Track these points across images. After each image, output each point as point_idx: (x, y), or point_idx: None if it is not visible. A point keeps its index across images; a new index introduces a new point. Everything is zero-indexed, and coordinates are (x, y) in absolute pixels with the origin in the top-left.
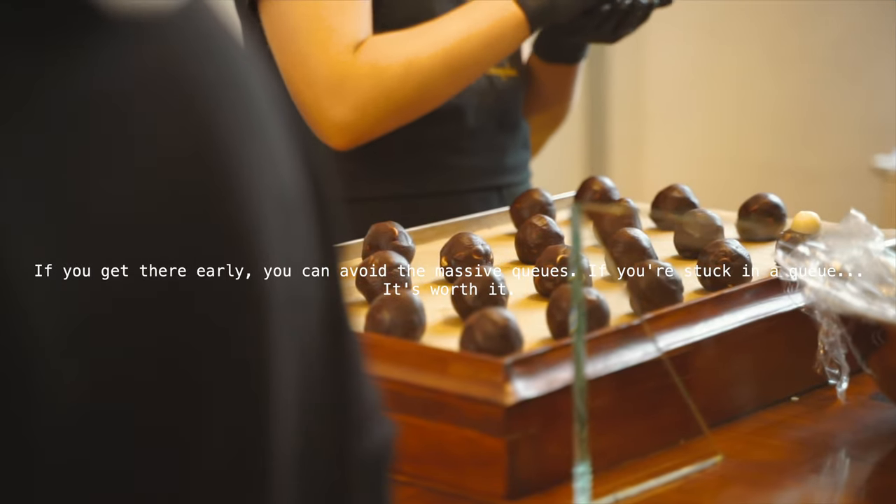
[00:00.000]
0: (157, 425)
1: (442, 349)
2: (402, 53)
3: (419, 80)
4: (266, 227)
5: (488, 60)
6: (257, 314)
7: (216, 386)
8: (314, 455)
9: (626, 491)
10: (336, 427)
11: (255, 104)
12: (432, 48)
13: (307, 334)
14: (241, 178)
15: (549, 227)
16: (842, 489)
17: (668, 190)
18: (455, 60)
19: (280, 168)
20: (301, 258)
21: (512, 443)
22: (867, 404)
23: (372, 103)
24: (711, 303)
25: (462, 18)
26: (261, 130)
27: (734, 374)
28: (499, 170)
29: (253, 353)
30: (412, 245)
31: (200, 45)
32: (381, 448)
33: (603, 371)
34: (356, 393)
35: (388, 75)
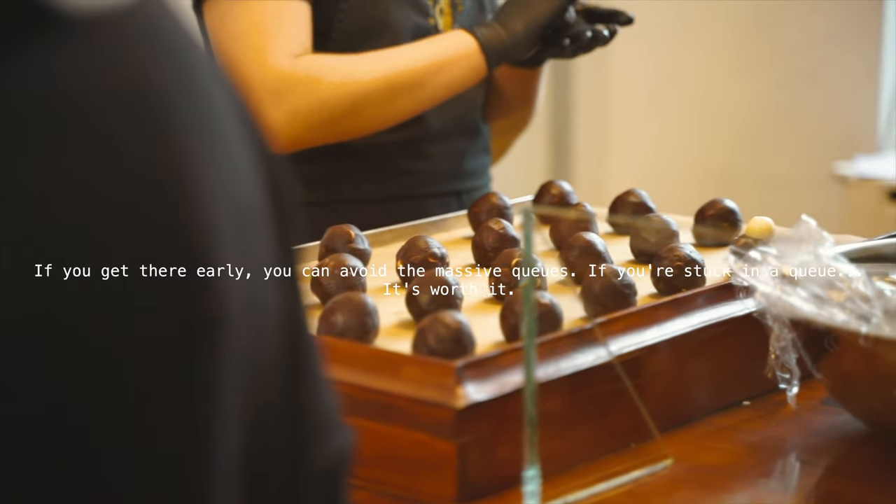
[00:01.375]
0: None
1: (394, 352)
2: (342, 69)
3: (356, 95)
4: (222, 231)
5: (439, 89)
6: (208, 317)
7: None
8: (266, 461)
9: (575, 494)
10: (291, 433)
11: (212, 105)
12: (375, 68)
13: (263, 339)
14: (197, 181)
15: (506, 231)
16: (791, 493)
17: (626, 195)
18: (398, 83)
19: (238, 171)
20: (258, 262)
21: (462, 446)
22: (818, 409)
23: (305, 111)
24: (664, 307)
25: (415, 48)
26: (218, 132)
27: (686, 378)
28: (458, 175)
29: (200, 358)
30: (368, 248)
31: (155, 45)
32: (339, 455)
33: (554, 374)
34: (314, 399)
35: (323, 87)
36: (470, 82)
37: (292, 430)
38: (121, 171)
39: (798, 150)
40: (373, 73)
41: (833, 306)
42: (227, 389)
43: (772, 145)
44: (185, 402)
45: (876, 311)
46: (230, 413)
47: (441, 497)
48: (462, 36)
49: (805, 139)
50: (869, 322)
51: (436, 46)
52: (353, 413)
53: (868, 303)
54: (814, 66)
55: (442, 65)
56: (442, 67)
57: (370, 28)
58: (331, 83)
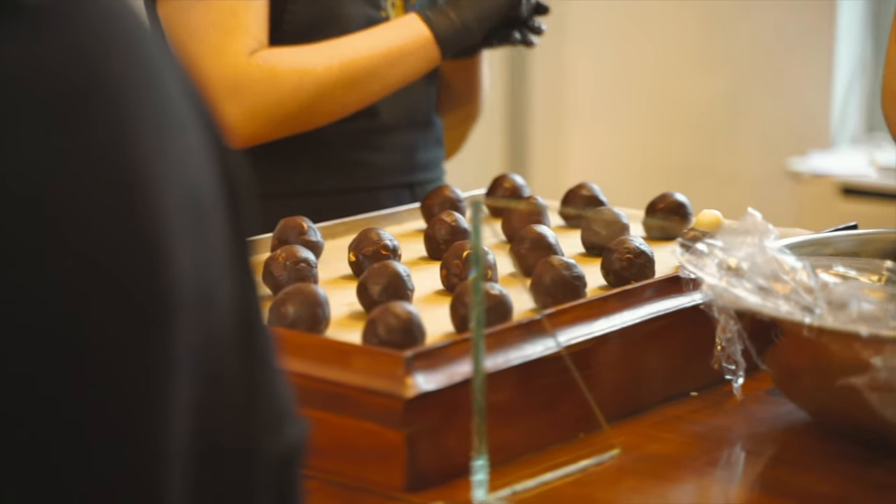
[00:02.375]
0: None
1: (344, 342)
2: (299, 62)
3: (313, 90)
4: (174, 220)
5: (395, 78)
6: (159, 304)
7: (111, 374)
8: (219, 449)
9: (523, 484)
10: (245, 423)
11: (166, 95)
12: (330, 60)
13: (215, 330)
14: (149, 169)
15: (458, 224)
16: (737, 482)
17: (578, 188)
18: (353, 74)
19: (192, 160)
20: (211, 252)
21: (411, 436)
22: (763, 400)
23: (263, 108)
24: (613, 299)
25: (369, 36)
26: (172, 122)
27: (634, 369)
28: (411, 167)
29: (151, 344)
30: (321, 240)
31: (109, 32)
32: (292, 446)
33: (503, 365)
34: (268, 390)
35: (282, 82)
36: (425, 71)
37: (246, 419)
38: (73, 157)
39: (752, 145)
40: (329, 65)
41: (778, 297)
42: (179, 376)
43: (726, 141)
44: (137, 386)
45: (819, 303)
46: (182, 399)
47: (390, 486)
48: (416, 25)
49: (759, 135)
50: (812, 313)
51: (390, 36)
52: (303, 403)
53: (812, 294)
54: (768, 63)
55: (397, 55)
56: (397, 58)
57: (322, 21)
58: (288, 78)
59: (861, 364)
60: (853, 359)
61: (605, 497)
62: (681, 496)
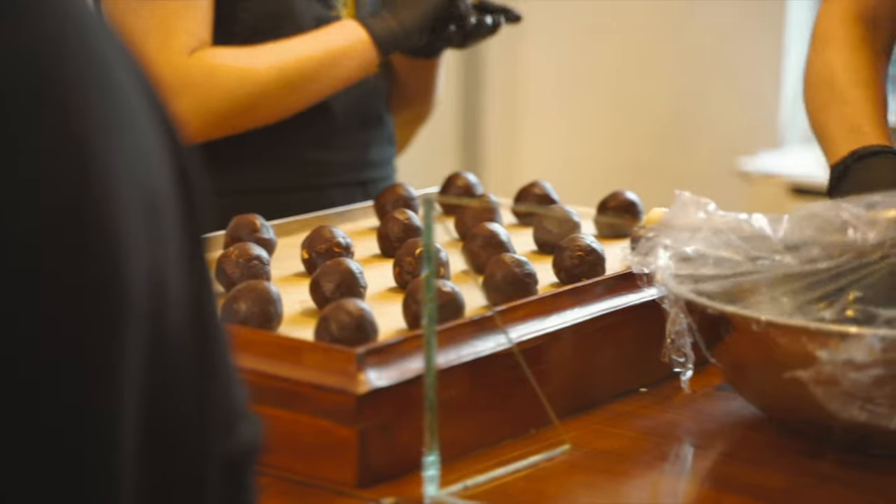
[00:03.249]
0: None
1: (296, 339)
2: (239, 62)
3: (253, 89)
4: (128, 215)
5: (334, 81)
6: (111, 300)
7: (62, 369)
8: (171, 446)
9: (475, 479)
10: (198, 421)
11: (120, 95)
12: (270, 61)
13: (168, 327)
14: (102, 169)
15: (411, 221)
16: (686, 477)
17: (530, 186)
18: (293, 75)
19: (147, 156)
20: (165, 249)
21: (363, 432)
22: (712, 395)
23: (203, 107)
24: (564, 295)
25: (309, 39)
26: (126, 117)
27: (585, 365)
28: (363, 165)
29: (102, 339)
30: (274, 237)
31: (61, 33)
32: (246, 446)
33: (455, 361)
34: (222, 389)
35: (222, 81)
36: (363, 73)
37: (199, 419)
38: (26, 152)
39: (702, 145)
40: (269, 66)
41: (738, 264)
42: (130, 372)
43: (676, 140)
44: (88, 384)
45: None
46: (134, 399)
47: (342, 482)
48: (354, 28)
49: (709, 134)
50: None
51: (330, 38)
52: (255, 400)
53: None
54: (718, 63)
55: (336, 57)
56: (336, 60)
57: (274, 21)
58: (228, 77)
59: (807, 358)
60: (800, 353)
61: (556, 492)
62: (631, 491)
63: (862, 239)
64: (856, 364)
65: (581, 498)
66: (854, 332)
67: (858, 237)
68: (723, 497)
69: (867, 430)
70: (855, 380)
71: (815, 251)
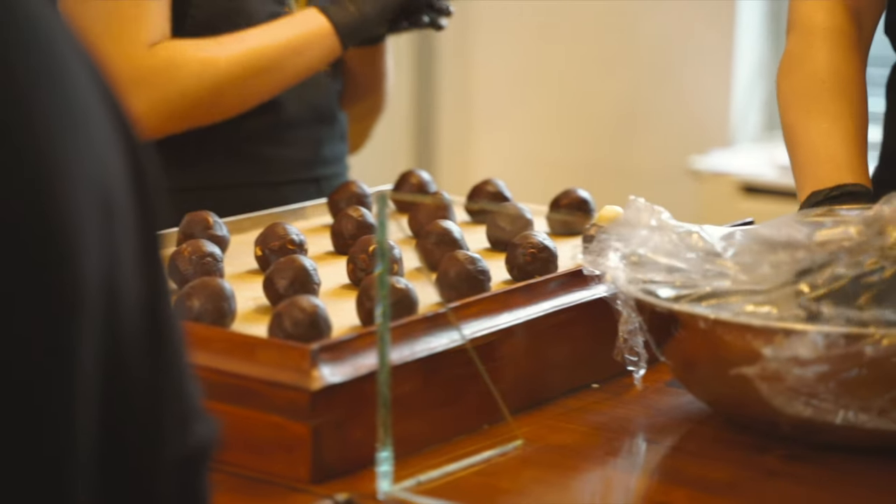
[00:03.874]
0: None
1: (250, 335)
2: (200, 54)
3: (215, 81)
4: (81, 213)
5: (296, 71)
6: (64, 297)
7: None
8: (124, 443)
9: (428, 474)
10: (151, 418)
11: (76, 94)
12: (232, 52)
13: (124, 329)
14: (58, 169)
15: (365, 219)
16: (637, 471)
17: (483, 184)
18: (255, 66)
19: (101, 154)
20: (119, 246)
21: (317, 428)
22: (663, 391)
23: (165, 99)
24: (517, 292)
25: (270, 29)
26: (81, 114)
27: (538, 361)
28: (316, 162)
29: (56, 336)
30: (227, 234)
31: (16, 31)
32: (200, 444)
33: (409, 357)
34: (177, 390)
35: (184, 73)
36: (325, 62)
37: (152, 417)
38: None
39: (654, 143)
40: (231, 58)
41: (687, 273)
42: (84, 372)
43: (628, 138)
44: (41, 382)
45: (727, 265)
46: (88, 396)
47: (295, 478)
48: (315, 17)
49: (660, 133)
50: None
51: (291, 28)
52: (208, 396)
53: (717, 258)
54: (669, 62)
55: (298, 47)
56: (298, 50)
57: (226, 16)
58: (190, 70)
59: (753, 354)
60: (745, 349)
61: (509, 487)
62: (583, 485)
63: (810, 260)
64: (800, 360)
65: (534, 492)
66: (798, 328)
67: (806, 259)
68: (672, 490)
69: (812, 425)
70: (799, 376)
71: (766, 269)
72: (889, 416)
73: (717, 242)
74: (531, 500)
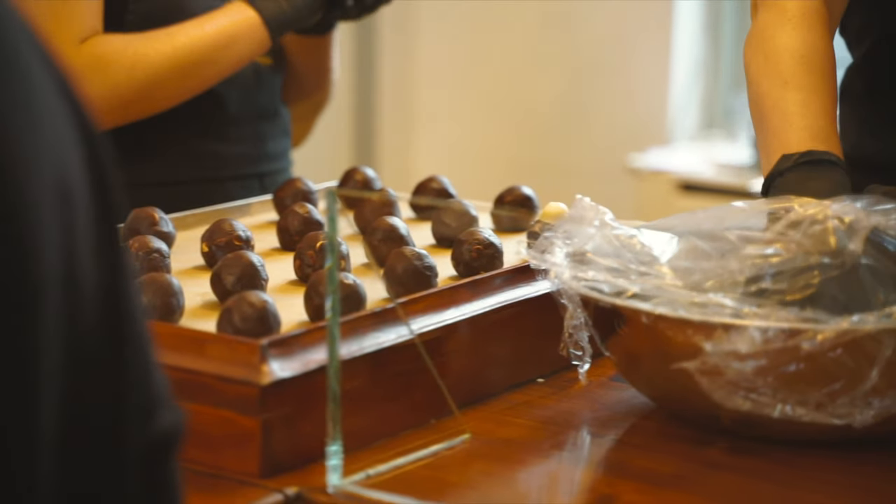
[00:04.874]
0: None
1: (199, 331)
2: (131, 50)
3: (146, 77)
4: (40, 203)
5: (226, 64)
6: (24, 296)
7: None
8: (87, 431)
9: (377, 468)
10: (114, 412)
11: (32, 84)
12: (162, 47)
13: (85, 319)
14: (15, 158)
15: (311, 215)
16: (582, 464)
17: (428, 181)
18: (185, 60)
19: (59, 145)
20: (79, 242)
21: (267, 422)
22: (607, 385)
23: (96, 96)
24: (463, 288)
25: (200, 23)
26: (38, 105)
27: (484, 356)
28: (260, 158)
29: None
30: (173, 231)
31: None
32: (166, 434)
33: (358, 353)
34: (140, 379)
35: (114, 69)
36: (255, 55)
37: (116, 406)
38: None
39: (593, 141)
40: (161, 54)
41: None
42: (45, 362)
43: (568, 136)
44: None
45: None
46: (50, 385)
47: (245, 473)
48: (244, 10)
49: (600, 131)
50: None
51: (220, 21)
52: None
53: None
54: (608, 60)
55: (227, 42)
56: (227, 44)
57: (164, 12)
58: (120, 66)
59: (693, 349)
60: (686, 344)
61: (457, 480)
62: (529, 478)
63: (739, 270)
64: (739, 354)
65: (481, 486)
66: (737, 323)
67: (736, 268)
68: (618, 482)
69: (751, 418)
70: (738, 370)
71: (697, 277)
72: (825, 410)
73: (655, 246)
74: (479, 494)
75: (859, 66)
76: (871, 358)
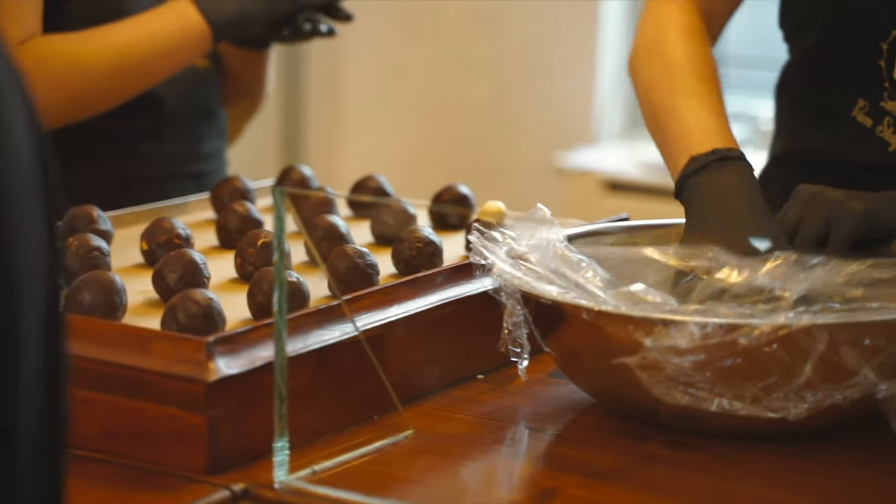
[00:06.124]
0: None
1: (144, 328)
2: (68, 53)
3: (83, 81)
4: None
5: (166, 66)
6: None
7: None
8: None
9: (322, 464)
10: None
11: (2, 80)
12: (100, 50)
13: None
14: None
15: (250, 213)
16: (522, 458)
17: (366, 180)
18: (124, 64)
19: (20, 142)
20: (33, 234)
21: (213, 419)
22: (546, 381)
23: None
24: (405, 286)
25: (140, 24)
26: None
27: (426, 353)
28: (196, 157)
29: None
30: (111, 229)
31: None
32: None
33: (302, 350)
34: (65, 367)
35: (51, 74)
36: (195, 56)
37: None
38: None
39: (520, 140)
40: (99, 53)
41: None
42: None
43: (496, 136)
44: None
45: (598, 285)
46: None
47: (191, 469)
48: (190, 13)
49: (527, 130)
50: (592, 295)
51: (163, 26)
52: (102, 389)
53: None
54: (534, 60)
55: (170, 46)
56: (170, 49)
57: (102, 13)
58: (57, 71)
59: (633, 345)
60: (626, 340)
61: (400, 475)
62: (471, 472)
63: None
64: (678, 350)
65: (425, 480)
66: (676, 319)
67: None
68: (559, 476)
69: (690, 412)
70: (677, 365)
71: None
72: (761, 404)
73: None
74: (422, 488)
75: (800, 59)
76: (805, 353)
